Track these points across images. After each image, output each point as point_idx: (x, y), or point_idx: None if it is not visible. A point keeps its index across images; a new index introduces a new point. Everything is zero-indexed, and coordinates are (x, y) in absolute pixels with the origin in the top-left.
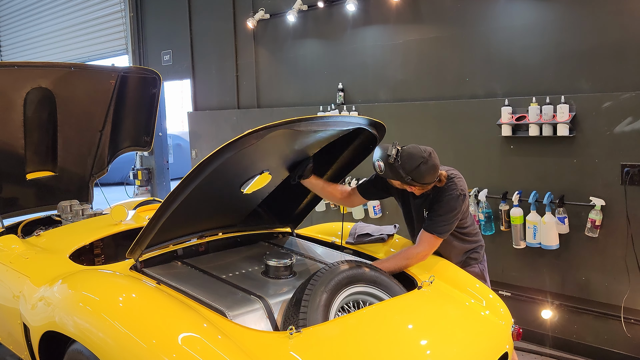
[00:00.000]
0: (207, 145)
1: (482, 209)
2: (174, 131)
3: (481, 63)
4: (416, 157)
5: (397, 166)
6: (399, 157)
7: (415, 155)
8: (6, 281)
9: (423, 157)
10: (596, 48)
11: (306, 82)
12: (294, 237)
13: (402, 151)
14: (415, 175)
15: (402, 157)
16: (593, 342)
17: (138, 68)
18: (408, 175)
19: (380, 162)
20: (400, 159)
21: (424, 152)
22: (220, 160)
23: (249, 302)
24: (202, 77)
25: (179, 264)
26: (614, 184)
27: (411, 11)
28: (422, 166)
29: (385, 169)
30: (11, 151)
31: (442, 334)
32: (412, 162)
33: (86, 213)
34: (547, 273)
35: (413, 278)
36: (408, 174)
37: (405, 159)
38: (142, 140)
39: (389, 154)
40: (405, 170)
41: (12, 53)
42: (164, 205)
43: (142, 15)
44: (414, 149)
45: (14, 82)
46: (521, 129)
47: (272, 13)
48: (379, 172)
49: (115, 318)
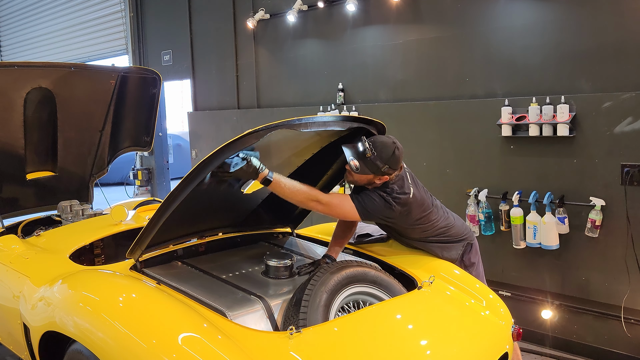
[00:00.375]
0: (207, 145)
1: (482, 209)
2: (174, 131)
3: (481, 63)
4: (388, 144)
5: (373, 158)
6: (374, 149)
7: (387, 143)
8: (6, 281)
9: (394, 142)
10: (596, 48)
11: (306, 82)
12: (294, 237)
13: (374, 143)
14: (392, 161)
15: (376, 149)
16: (593, 342)
17: (138, 68)
18: (385, 164)
19: (354, 160)
20: (375, 150)
21: (390, 138)
22: (220, 160)
23: (249, 302)
24: (202, 77)
25: (179, 264)
26: (614, 184)
27: (411, 11)
28: (396, 151)
29: (361, 165)
30: (11, 151)
31: (442, 334)
32: (387, 150)
33: (86, 213)
34: (547, 273)
35: (413, 278)
36: (386, 162)
37: (380, 149)
38: (142, 140)
39: (364, 149)
40: (383, 160)
41: (12, 53)
42: (164, 205)
43: (142, 15)
44: (383, 138)
45: (14, 82)
46: (521, 129)
47: (272, 13)
48: (355, 171)
49: (115, 318)
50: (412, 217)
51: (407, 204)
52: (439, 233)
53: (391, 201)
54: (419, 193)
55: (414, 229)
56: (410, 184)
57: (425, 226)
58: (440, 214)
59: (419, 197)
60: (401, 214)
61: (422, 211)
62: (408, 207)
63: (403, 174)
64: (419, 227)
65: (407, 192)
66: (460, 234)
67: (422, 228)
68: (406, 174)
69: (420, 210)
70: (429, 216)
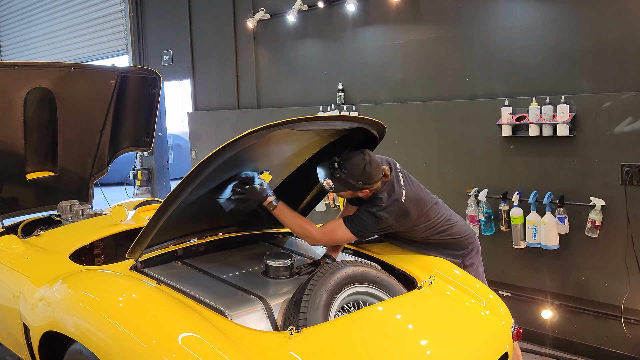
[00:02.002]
0: (207, 145)
1: (482, 209)
2: (174, 131)
3: (481, 63)
4: (358, 161)
5: (344, 177)
6: (343, 168)
7: (356, 160)
8: (6, 281)
9: (364, 159)
10: (596, 48)
11: (306, 82)
12: (294, 237)
13: (344, 162)
14: (365, 177)
15: (345, 168)
16: (593, 342)
17: (138, 68)
18: (358, 181)
19: (326, 180)
20: (345, 169)
21: (361, 154)
22: (220, 160)
23: (249, 302)
24: (202, 77)
25: (179, 264)
26: (614, 184)
27: (411, 11)
28: (367, 167)
29: (335, 184)
30: (11, 151)
31: (442, 334)
32: (357, 168)
33: (86, 213)
34: (547, 273)
35: (413, 278)
36: (358, 179)
37: (349, 168)
38: (142, 140)
39: (333, 170)
40: (354, 178)
41: (12, 53)
42: (164, 205)
43: (142, 15)
44: (352, 156)
45: (14, 82)
46: (521, 129)
47: (272, 13)
48: (329, 190)
49: (115, 318)
50: (411, 218)
51: (400, 209)
52: (442, 230)
53: (381, 214)
54: (413, 192)
55: (417, 229)
56: (403, 185)
57: (427, 224)
58: (441, 212)
59: (413, 197)
60: (398, 219)
61: (420, 209)
62: (403, 211)
63: (393, 178)
64: (422, 226)
65: (397, 198)
66: (462, 232)
67: (425, 227)
68: (398, 175)
69: (418, 208)
70: (428, 213)
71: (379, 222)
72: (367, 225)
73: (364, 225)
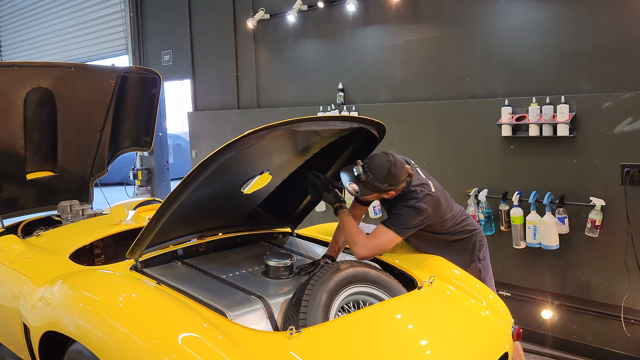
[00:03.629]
0: (207, 145)
1: (482, 209)
2: (174, 131)
3: (481, 63)
4: (383, 163)
5: (370, 180)
6: (369, 171)
7: (381, 162)
8: (6, 281)
9: (389, 160)
10: (596, 48)
11: (306, 82)
12: (294, 237)
13: (368, 165)
14: (391, 179)
15: (371, 170)
16: (593, 342)
17: (138, 68)
18: (384, 183)
19: (352, 185)
20: (370, 172)
21: (385, 155)
22: (220, 161)
23: (249, 302)
24: (202, 77)
25: (179, 264)
26: (614, 184)
27: (411, 11)
28: (392, 169)
29: (360, 188)
30: (11, 151)
31: (442, 334)
32: (382, 170)
33: (86, 213)
34: (547, 273)
35: (413, 278)
36: (384, 182)
37: (375, 171)
38: (142, 140)
39: (358, 174)
40: (380, 180)
41: (12, 53)
42: (164, 205)
43: (142, 15)
44: (378, 157)
45: (14, 82)
46: (521, 129)
47: (272, 13)
48: (355, 195)
49: (115, 318)
50: (442, 207)
51: (433, 199)
52: (462, 220)
53: (420, 205)
54: (436, 184)
55: (446, 220)
56: (426, 178)
57: (452, 214)
58: (455, 204)
59: (439, 188)
60: (433, 210)
61: (445, 199)
62: (436, 200)
63: (414, 172)
64: (449, 216)
65: (428, 190)
66: (475, 224)
67: (451, 216)
68: (417, 170)
69: (444, 198)
70: (449, 203)
71: (420, 214)
72: (409, 220)
73: (406, 221)
